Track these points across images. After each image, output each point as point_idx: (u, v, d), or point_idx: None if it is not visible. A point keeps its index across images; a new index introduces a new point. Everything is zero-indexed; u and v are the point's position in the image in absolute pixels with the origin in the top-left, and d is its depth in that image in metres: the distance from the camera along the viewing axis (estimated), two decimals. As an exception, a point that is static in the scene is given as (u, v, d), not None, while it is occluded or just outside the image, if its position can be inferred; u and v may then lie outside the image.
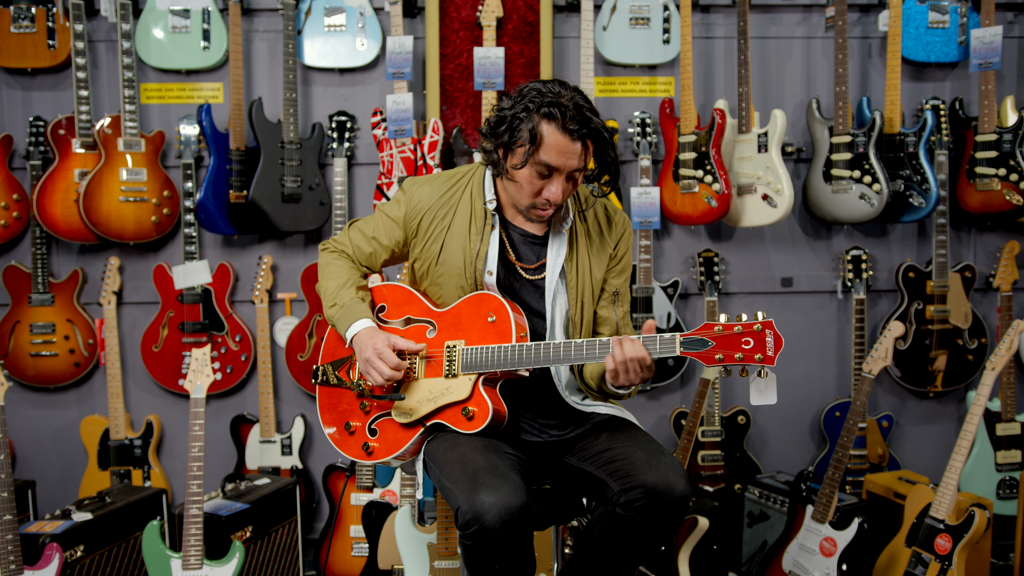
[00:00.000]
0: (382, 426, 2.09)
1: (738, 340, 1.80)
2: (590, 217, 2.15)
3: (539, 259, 2.11)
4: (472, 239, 2.07)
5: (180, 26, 3.33)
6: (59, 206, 3.26)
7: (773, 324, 1.80)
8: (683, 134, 3.29)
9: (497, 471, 1.85)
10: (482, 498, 1.79)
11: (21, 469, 3.51)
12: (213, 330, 3.39)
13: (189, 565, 2.68)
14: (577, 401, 2.14)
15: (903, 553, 2.81)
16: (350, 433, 2.13)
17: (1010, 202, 3.27)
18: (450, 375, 2.01)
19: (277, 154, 3.30)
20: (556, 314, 2.09)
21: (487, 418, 1.97)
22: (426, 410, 2.02)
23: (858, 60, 3.52)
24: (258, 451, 3.41)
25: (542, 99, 1.92)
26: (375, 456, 2.09)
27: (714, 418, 3.37)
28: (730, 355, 1.81)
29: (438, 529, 2.79)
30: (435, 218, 2.10)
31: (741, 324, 1.81)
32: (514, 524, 1.80)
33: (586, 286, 2.11)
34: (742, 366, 1.82)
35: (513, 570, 1.93)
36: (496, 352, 1.97)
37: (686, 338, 1.84)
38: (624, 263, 2.19)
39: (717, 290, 3.43)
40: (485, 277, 2.06)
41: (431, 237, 2.10)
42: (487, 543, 1.82)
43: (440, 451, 1.98)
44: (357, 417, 2.13)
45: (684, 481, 1.90)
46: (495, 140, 2.00)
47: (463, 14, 3.35)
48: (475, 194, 2.10)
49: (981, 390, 2.76)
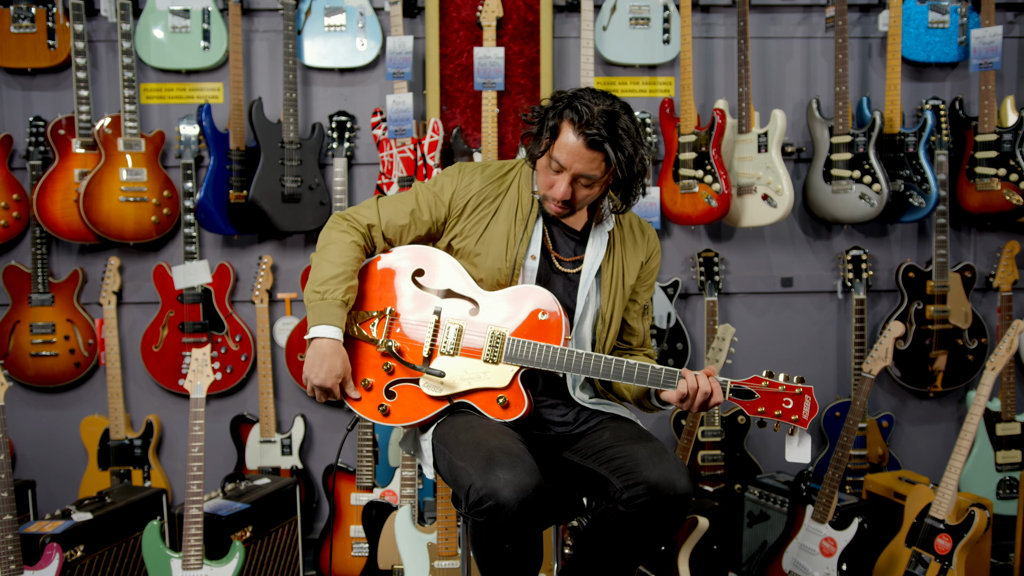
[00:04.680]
0: (402, 391, 2.07)
1: (780, 399, 1.98)
2: (625, 225, 2.23)
3: (575, 254, 2.17)
4: (517, 224, 2.13)
5: (180, 26, 3.33)
6: (59, 206, 3.26)
7: (812, 391, 1.98)
8: (683, 134, 3.29)
9: (512, 452, 1.87)
10: (498, 474, 1.80)
11: (21, 469, 3.51)
12: (213, 330, 3.39)
13: (189, 565, 2.68)
14: (584, 399, 2.16)
15: (903, 553, 2.81)
16: (366, 389, 2.08)
17: (1010, 202, 3.27)
18: (490, 360, 2.03)
19: (277, 154, 3.30)
20: (588, 309, 2.15)
21: (522, 411, 2.01)
22: (463, 388, 2.03)
23: (858, 60, 3.52)
24: (258, 451, 3.41)
25: (573, 101, 2.00)
26: (391, 419, 2.07)
27: (714, 418, 3.37)
28: (771, 411, 1.99)
29: (438, 529, 2.79)
30: (484, 200, 2.15)
31: (785, 385, 1.98)
32: (529, 503, 1.81)
33: (619, 288, 2.18)
34: (777, 422, 1.99)
35: (521, 556, 1.93)
36: (551, 353, 2.00)
37: (736, 386, 2.00)
38: (653, 279, 2.30)
39: (717, 290, 3.43)
40: (527, 261, 2.11)
41: (477, 218, 2.14)
42: (500, 520, 1.81)
43: (452, 433, 1.98)
44: (375, 375, 2.08)
45: (687, 479, 1.92)
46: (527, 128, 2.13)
47: (463, 14, 3.35)
48: (523, 185, 2.17)
49: (981, 390, 2.76)
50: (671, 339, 3.44)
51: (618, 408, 2.19)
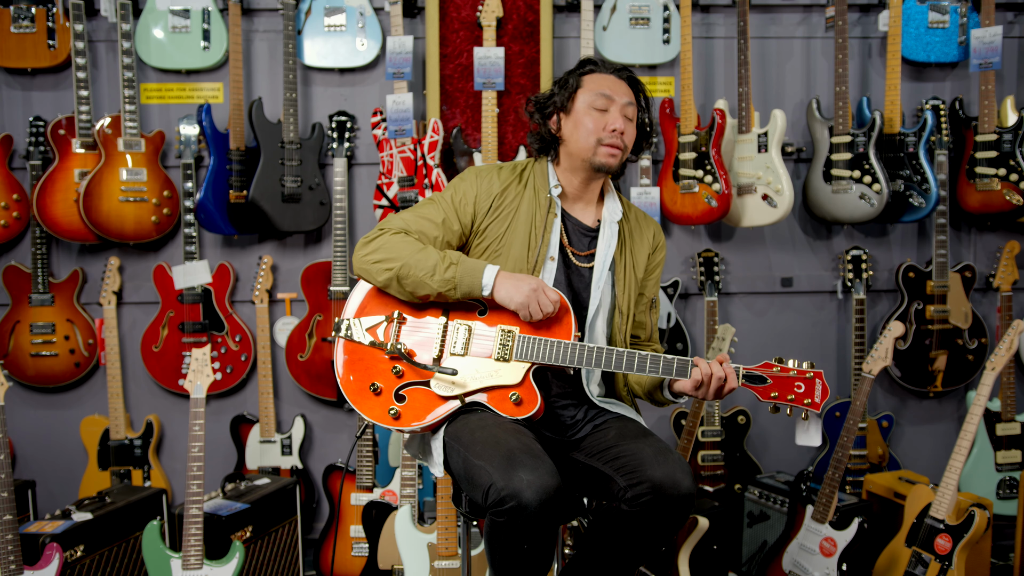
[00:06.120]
0: (412, 393, 2.06)
1: (792, 383, 1.98)
2: (632, 217, 2.25)
3: (589, 248, 2.19)
4: (537, 225, 2.13)
5: (180, 26, 3.33)
6: (59, 206, 3.26)
7: (823, 375, 1.98)
8: (683, 134, 3.29)
9: (533, 452, 1.87)
10: (520, 475, 1.79)
11: (21, 469, 3.51)
12: (213, 330, 3.39)
13: (189, 565, 2.68)
14: (595, 393, 2.18)
15: (903, 553, 2.81)
16: (375, 394, 2.07)
17: (1010, 202, 3.27)
18: (501, 359, 2.03)
19: (277, 154, 3.30)
20: (602, 303, 2.15)
21: (535, 408, 2.00)
22: (474, 386, 2.03)
23: (858, 60, 3.52)
24: (258, 451, 3.41)
25: (582, 66, 2.17)
26: (401, 422, 2.05)
27: (714, 418, 3.37)
28: (784, 396, 1.99)
29: (438, 529, 2.79)
30: (504, 201, 2.15)
31: (796, 370, 1.98)
32: (550, 504, 1.80)
33: (632, 279, 2.20)
34: (790, 407, 1.99)
35: (537, 557, 1.93)
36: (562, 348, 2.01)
37: (748, 372, 2.00)
38: (659, 272, 2.31)
39: (717, 290, 3.43)
40: (547, 263, 2.12)
41: (498, 218, 2.14)
42: (521, 522, 1.81)
43: (467, 431, 1.97)
44: (385, 379, 2.07)
45: (690, 479, 1.92)
46: (543, 112, 2.18)
47: (463, 14, 3.35)
48: (539, 184, 2.17)
49: (981, 390, 2.76)
50: (671, 339, 3.44)
51: (625, 408, 2.19)
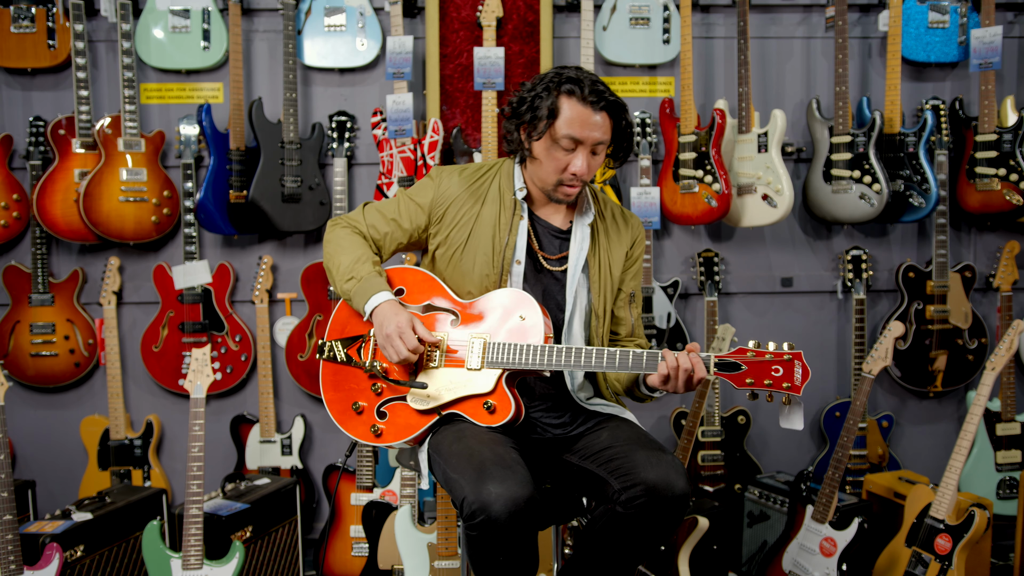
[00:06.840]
0: (392, 410, 2.07)
1: (768, 367, 1.87)
2: (608, 216, 2.21)
3: (561, 251, 2.15)
4: (501, 228, 2.10)
5: (180, 26, 3.33)
6: (59, 206, 3.26)
7: (802, 355, 1.87)
8: (683, 134, 3.29)
9: (504, 463, 1.86)
10: (489, 488, 1.79)
11: (21, 469, 3.51)
12: (213, 330, 3.39)
13: (189, 565, 2.68)
14: (583, 398, 2.16)
15: (903, 553, 2.81)
16: (357, 413, 2.09)
17: (1010, 202, 3.27)
18: (474, 368, 2.02)
19: (277, 154, 3.30)
20: (577, 306, 2.12)
21: (509, 414, 1.98)
22: (448, 398, 2.02)
23: (858, 60, 3.52)
24: (258, 451, 3.41)
25: (560, 78, 2.01)
26: (384, 439, 2.06)
27: (714, 418, 3.37)
28: (760, 381, 1.88)
29: (438, 529, 2.79)
30: (463, 206, 2.12)
31: (771, 352, 1.88)
32: (520, 516, 1.80)
33: (607, 280, 2.15)
34: (769, 392, 1.88)
35: (516, 564, 1.93)
36: (531, 351, 1.97)
37: (720, 360, 1.90)
38: (639, 265, 2.25)
39: (717, 290, 3.43)
40: (513, 267, 2.09)
41: (458, 224, 2.11)
42: (492, 534, 1.81)
43: (445, 443, 1.97)
44: (366, 397, 2.09)
45: (684, 480, 1.91)
46: (517, 120, 2.08)
47: (463, 14, 3.35)
48: (504, 185, 2.14)
49: (981, 390, 2.76)
50: (671, 339, 3.44)
51: (616, 408, 2.19)
